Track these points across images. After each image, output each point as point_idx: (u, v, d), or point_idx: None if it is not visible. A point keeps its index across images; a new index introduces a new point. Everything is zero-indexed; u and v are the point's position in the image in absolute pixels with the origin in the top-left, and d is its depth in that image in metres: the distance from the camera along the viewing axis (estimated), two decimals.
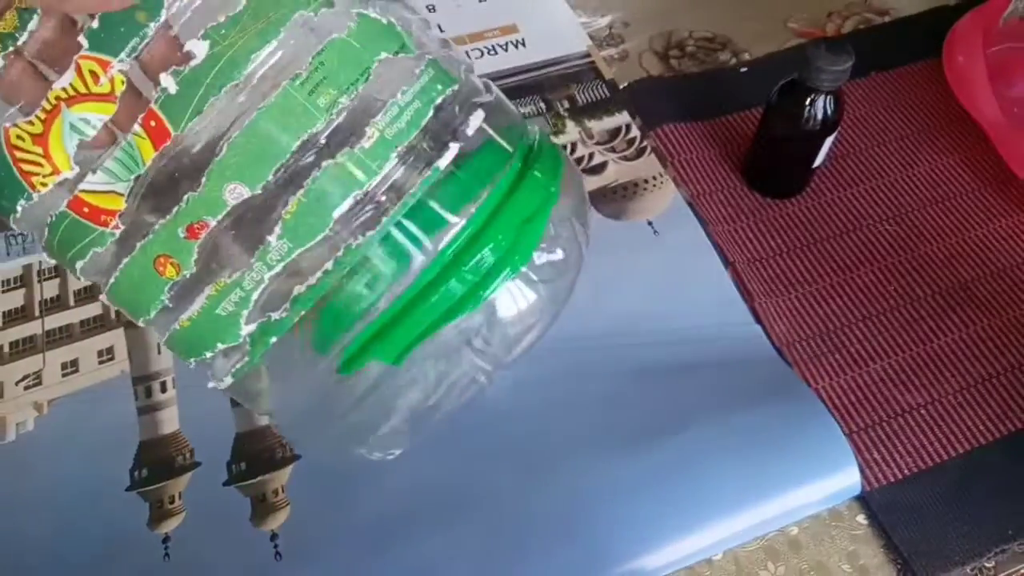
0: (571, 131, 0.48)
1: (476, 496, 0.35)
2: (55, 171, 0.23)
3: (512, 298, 0.27)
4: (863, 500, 0.36)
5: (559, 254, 0.28)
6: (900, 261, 0.43)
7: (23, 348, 0.40)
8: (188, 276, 0.24)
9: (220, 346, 0.25)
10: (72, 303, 0.41)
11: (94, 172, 0.23)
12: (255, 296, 0.24)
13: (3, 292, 0.42)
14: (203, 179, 0.23)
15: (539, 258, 0.27)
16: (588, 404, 0.38)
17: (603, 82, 0.51)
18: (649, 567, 0.34)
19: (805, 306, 0.42)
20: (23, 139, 0.22)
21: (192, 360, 0.26)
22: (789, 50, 0.53)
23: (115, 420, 0.37)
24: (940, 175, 0.47)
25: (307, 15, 0.23)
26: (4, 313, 0.41)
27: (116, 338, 0.40)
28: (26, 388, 0.38)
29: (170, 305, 0.25)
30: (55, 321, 0.41)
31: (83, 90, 0.22)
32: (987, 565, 0.34)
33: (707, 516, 0.35)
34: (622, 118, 0.49)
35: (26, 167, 0.23)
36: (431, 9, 0.55)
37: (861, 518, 0.36)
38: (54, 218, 0.24)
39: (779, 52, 0.53)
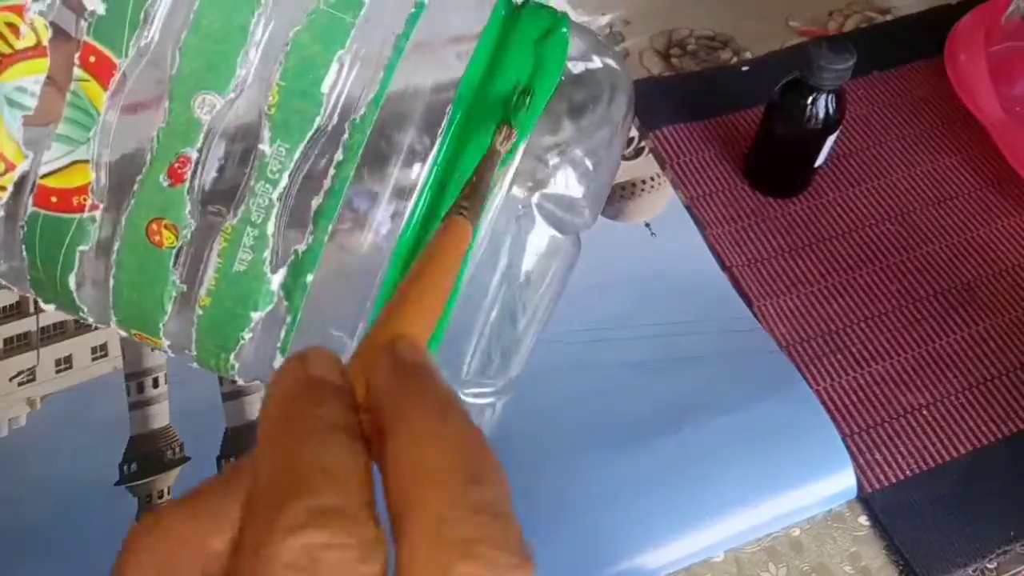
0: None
1: None
2: (9, 167, 0.19)
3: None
4: (865, 501, 0.36)
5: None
6: (902, 261, 0.43)
7: (17, 344, 0.40)
8: (189, 235, 0.21)
9: (255, 316, 0.21)
10: None
11: (49, 148, 0.19)
12: (270, 229, 0.20)
13: None
14: (165, 103, 0.20)
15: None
16: (585, 403, 0.37)
17: None
18: (646, 567, 0.33)
19: (806, 306, 0.41)
20: None
21: (232, 357, 0.22)
22: (790, 49, 0.53)
23: (107, 416, 0.37)
24: (942, 174, 0.47)
25: None
26: None
27: (110, 335, 0.40)
28: (19, 384, 0.38)
29: (182, 286, 0.21)
30: (49, 317, 0.40)
31: (7, 50, 0.18)
32: (989, 567, 0.34)
33: (704, 517, 0.34)
34: None
35: None
36: None
37: (863, 519, 0.35)
38: (26, 229, 0.20)
39: (780, 51, 0.53)
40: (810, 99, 0.40)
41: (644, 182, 0.46)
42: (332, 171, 0.20)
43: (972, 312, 0.41)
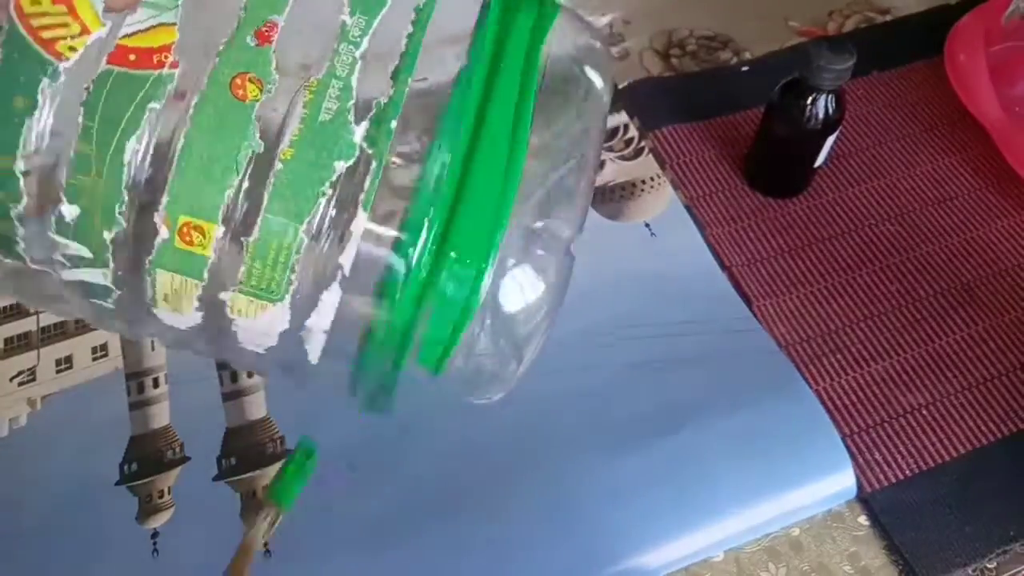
0: None
1: (470, 494, 0.35)
2: (84, 30, 0.19)
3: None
4: (864, 501, 0.36)
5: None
6: (901, 261, 0.43)
7: (18, 344, 0.40)
8: (274, 89, 0.21)
9: (338, 166, 0.22)
10: None
11: (134, 11, 0.20)
12: (355, 81, 0.22)
13: None
14: None
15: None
16: (585, 402, 0.37)
17: None
18: (646, 566, 0.33)
19: (806, 307, 0.41)
20: (39, 1, 0.19)
21: (302, 231, 0.22)
22: (790, 49, 0.53)
23: (107, 415, 0.37)
24: (942, 174, 0.47)
25: None
26: None
27: (110, 335, 0.40)
28: (20, 384, 0.38)
29: (260, 143, 0.21)
30: (50, 317, 0.41)
31: None
32: (989, 566, 0.34)
33: (703, 516, 0.34)
34: (620, 118, 0.49)
35: (47, 33, 0.19)
36: None
37: (863, 519, 0.35)
38: (92, 88, 0.20)
39: (780, 51, 0.53)
40: (810, 99, 0.40)
41: (644, 182, 0.46)
42: (405, 39, 0.22)
43: (972, 312, 0.41)
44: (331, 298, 0.24)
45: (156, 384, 0.38)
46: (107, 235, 0.23)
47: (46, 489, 0.35)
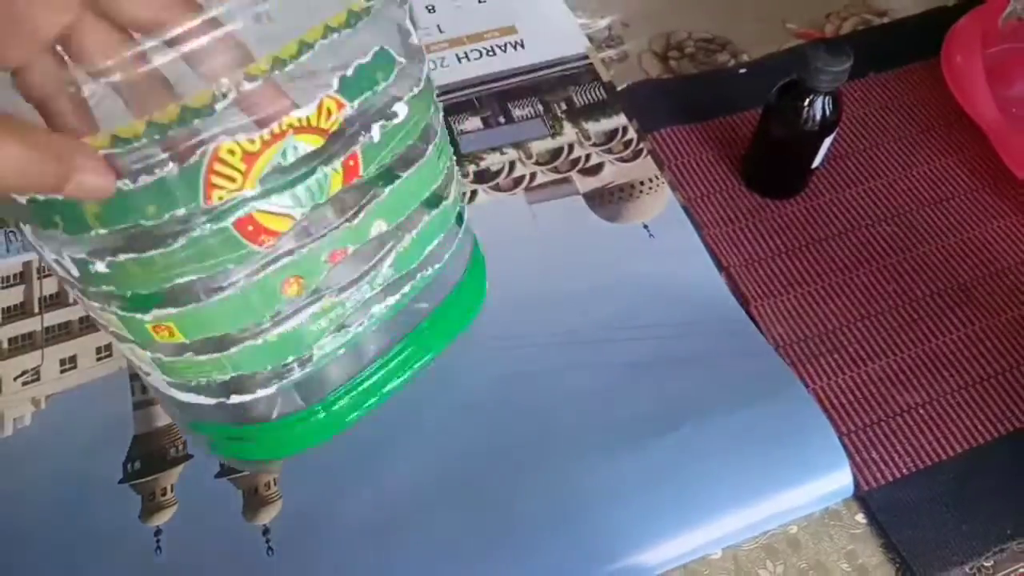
0: (568, 132, 0.49)
1: (470, 492, 0.35)
2: (241, 187, 0.22)
3: None
4: (862, 499, 0.36)
5: None
6: (898, 261, 0.43)
7: (22, 344, 0.40)
8: (304, 296, 0.26)
9: (292, 358, 0.28)
10: (72, 300, 0.41)
11: (280, 194, 0.23)
12: (350, 311, 0.28)
13: (3, 288, 0.42)
14: (360, 213, 0.26)
15: None
16: (584, 402, 0.38)
17: (600, 84, 0.51)
18: (645, 564, 0.34)
19: (803, 307, 0.42)
20: (233, 153, 0.21)
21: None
22: (788, 51, 0.53)
23: (111, 415, 0.37)
24: (938, 175, 0.47)
25: None
26: (4, 309, 0.41)
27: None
28: (24, 384, 0.39)
29: (267, 324, 0.26)
30: (54, 318, 0.41)
31: (314, 123, 0.23)
32: (985, 564, 0.34)
33: (702, 514, 0.35)
34: (619, 120, 0.49)
35: (218, 180, 0.22)
36: (430, 10, 0.55)
37: (860, 517, 0.36)
38: (204, 231, 0.22)
39: (778, 53, 0.53)
40: (807, 101, 0.41)
41: (642, 183, 0.46)
42: (398, 296, 0.31)
43: (968, 312, 0.41)
44: None
45: None
46: None
47: (50, 487, 0.35)
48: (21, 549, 0.34)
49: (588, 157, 0.48)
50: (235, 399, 0.28)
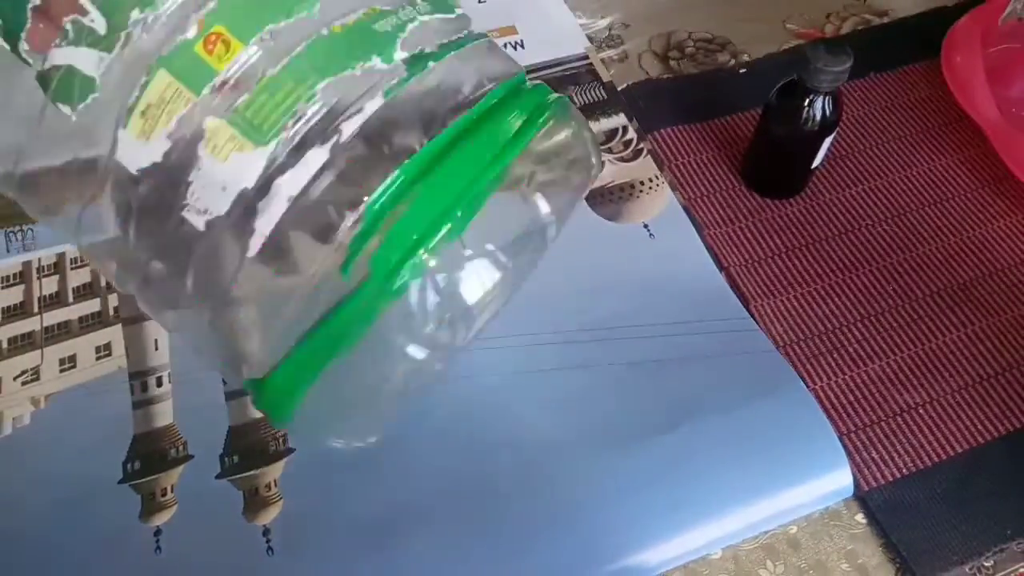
0: None
1: (470, 492, 0.35)
2: None
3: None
4: (861, 499, 0.36)
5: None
6: (898, 261, 0.43)
7: (21, 344, 0.40)
8: None
9: (376, 61, 0.25)
10: (71, 300, 0.41)
11: None
12: (416, 23, 0.26)
13: (2, 288, 0.42)
14: None
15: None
16: (584, 402, 0.38)
17: (600, 84, 0.51)
18: (644, 564, 0.34)
19: (803, 306, 0.42)
20: None
21: (335, 71, 0.24)
22: (788, 51, 0.53)
23: (110, 415, 0.37)
24: (938, 175, 0.47)
25: None
26: (3, 309, 0.41)
27: (114, 334, 0.40)
28: (23, 384, 0.39)
29: (320, 10, 0.24)
30: (53, 317, 0.41)
31: None
32: (986, 564, 0.34)
33: (701, 514, 0.35)
34: (619, 119, 0.49)
35: None
36: None
37: (860, 517, 0.36)
38: None
39: (778, 53, 0.53)
40: (807, 101, 0.41)
41: (643, 183, 0.46)
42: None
43: (968, 312, 0.41)
44: (316, 157, 0.24)
45: (159, 383, 0.38)
46: (135, 14, 0.24)
47: (49, 487, 0.35)
48: (21, 549, 0.34)
49: None
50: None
